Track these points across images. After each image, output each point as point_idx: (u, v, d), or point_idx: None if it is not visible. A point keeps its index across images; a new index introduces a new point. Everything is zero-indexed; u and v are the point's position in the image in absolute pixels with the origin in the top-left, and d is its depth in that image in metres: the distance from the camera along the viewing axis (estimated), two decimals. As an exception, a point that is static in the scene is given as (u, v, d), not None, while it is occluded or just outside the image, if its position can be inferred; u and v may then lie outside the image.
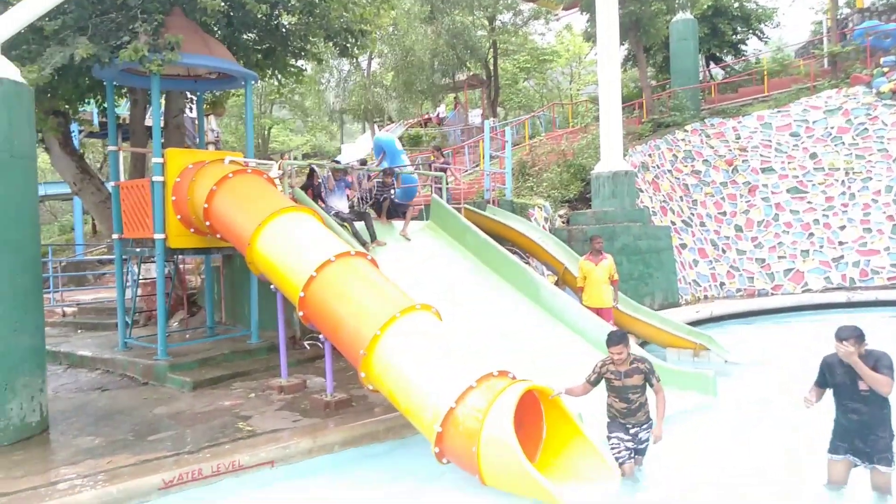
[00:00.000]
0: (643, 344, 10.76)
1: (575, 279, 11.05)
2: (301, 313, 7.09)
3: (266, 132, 32.30)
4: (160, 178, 8.67)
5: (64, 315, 13.94)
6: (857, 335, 4.81)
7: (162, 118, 10.61)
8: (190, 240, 8.99)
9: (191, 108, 13.24)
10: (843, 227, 18.57)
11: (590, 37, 23.91)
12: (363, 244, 9.88)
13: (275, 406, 7.58)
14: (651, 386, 5.66)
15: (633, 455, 5.66)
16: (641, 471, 5.77)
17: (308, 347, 9.82)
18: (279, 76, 12.08)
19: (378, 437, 6.83)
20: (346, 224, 10.15)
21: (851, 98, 20.26)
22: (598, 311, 9.96)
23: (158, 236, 8.74)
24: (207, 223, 8.25)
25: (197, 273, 12.80)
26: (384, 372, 6.28)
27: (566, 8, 26.83)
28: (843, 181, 19.11)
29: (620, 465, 5.59)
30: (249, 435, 6.59)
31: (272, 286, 7.80)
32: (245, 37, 11.04)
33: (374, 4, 11.19)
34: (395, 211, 11.62)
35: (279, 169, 9.64)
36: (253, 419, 7.09)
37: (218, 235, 8.40)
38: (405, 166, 13.02)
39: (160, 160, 8.71)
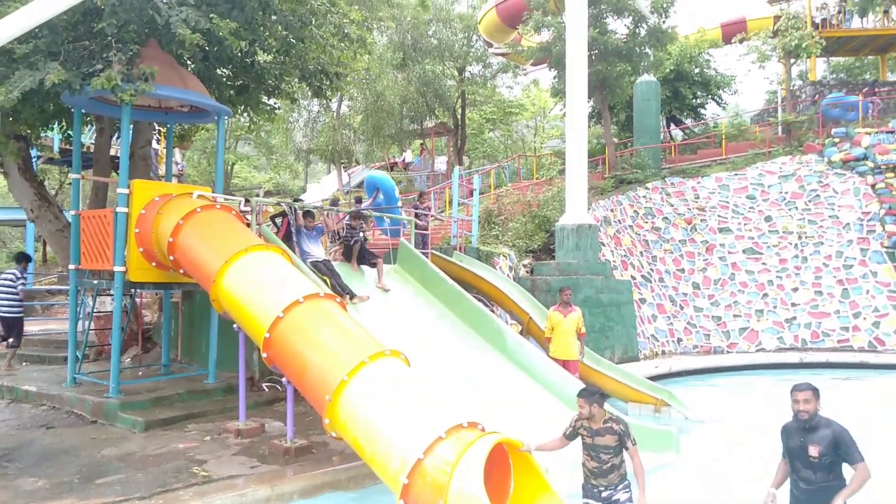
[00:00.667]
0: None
1: (540, 329, 11.04)
2: (265, 355, 6.89)
3: (229, 168, 32.01)
4: (124, 209, 8.45)
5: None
6: (813, 389, 4.93)
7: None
8: (151, 274, 8.74)
9: (157, 140, 13.03)
10: (795, 289, 19.08)
11: (557, 92, 24.51)
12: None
13: (231, 450, 7.30)
14: (626, 449, 5.41)
15: None
16: None
17: (266, 389, 9.56)
18: (251, 113, 12.01)
19: (339, 487, 6.63)
20: (324, 276, 9.85)
21: (804, 165, 21.06)
22: (565, 363, 9.95)
23: (118, 269, 8.47)
24: (171, 257, 8.04)
25: (153, 308, 12.42)
26: (350, 419, 6.10)
27: (534, 63, 27.49)
28: (796, 244, 19.72)
29: None
30: (204, 481, 6.31)
31: (235, 325, 7.59)
32: (219, 72, 10.98)
33: (351, 48, 11.26)
34: (363, 257, 11.36)
35: (247, 206, 9.48)
36: (208, 464, 6.81)
37: (181, 271, 8.18)
38: (398, 207, 13.00)
39: (126, 191, 8.50)
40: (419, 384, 6.34)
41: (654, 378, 12.95)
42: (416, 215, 12.92)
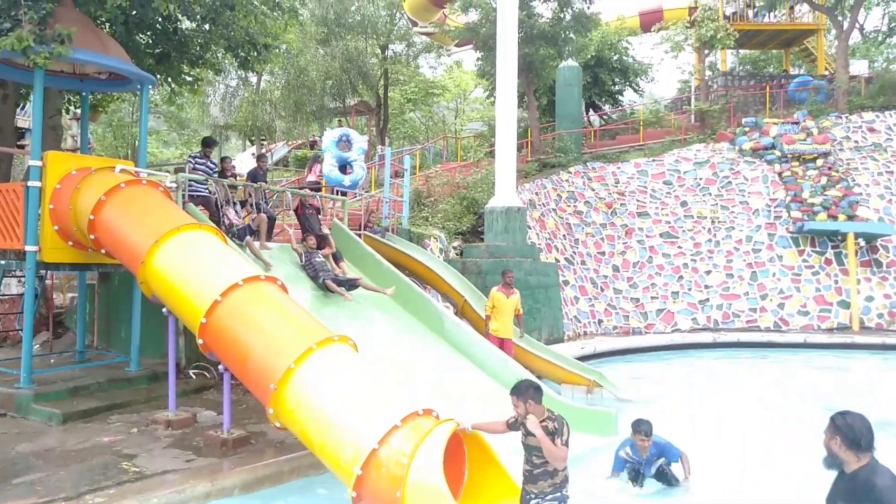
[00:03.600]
0: (539, 378, 10.82)
1: (474, 312, 11.02)
2: (201, 341, 6.47)
3: (135, 143, 30.33)
4: (37, 184, 7.74)
5: None
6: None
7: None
8: (67, 254, 8.07)
9: (68, 110, 12.08)
10: (708, 272, 19.88)
11: (483, 74, 24.45)
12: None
13: (162, 443, 6.85)
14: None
15: None
16: None
17: (194, 377, 9.06)
18: (172, 84, 11.30)
19: (282, 479, 6.34)
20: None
21: (717, 153, 21.93)
22: (502, 342, 10.01)
23: (30, 248, 7.77)
24: (92, 236, 7.43)
25: (63, 290, 11.58)
26: (297, 408, 5.81)
27: (459, 44, 27.35)
28: (709, 229, 20.52)
29: None
30: (137, 477, 5.88)
31: (165, 309, 7.12)
32: (139, 38, 10.24)
33: (282, 19, 10.75)
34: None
35: (173, 182, 8.91)
36: (139, 458, 6.36)
37: (103, 251, 7.59)
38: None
39: (39, 163, 7.78)
40: (370, 370, 6.11)
41: (581, 359, 13.18)
42: (255, 179, 11.30)
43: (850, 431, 3.31)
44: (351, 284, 9.84)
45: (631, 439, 6.58)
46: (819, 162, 20.83)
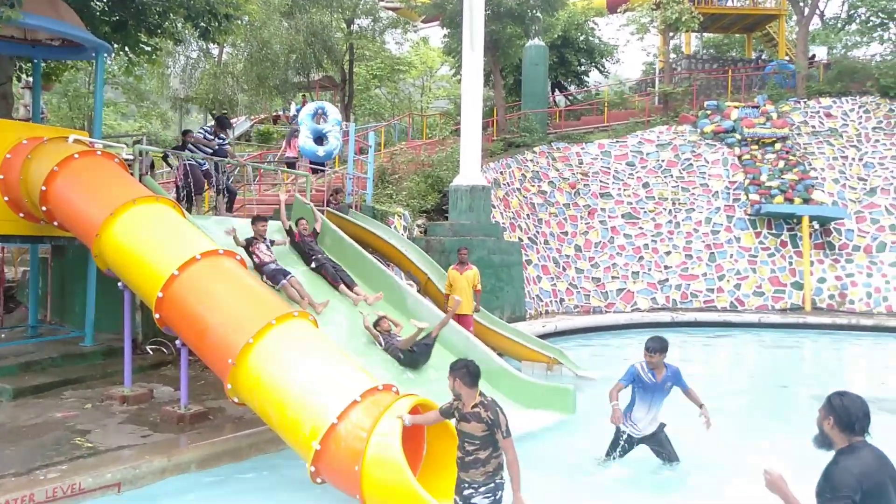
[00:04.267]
0: (500, 356, 10.92)
1: (437, 290, 11.06)
2: (157, 316, 6.38)
3: (92, 114, 29.50)
4: (-14, 153, 7.50)
5: None
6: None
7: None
8: (17, 226, 7.86)
9: (20, 78, 11.68)
10: (668, 253, 20.20)
11: (450, 51, 24.29)
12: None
13: (117, 419, 6.76)
14: (497, 441, 4.58)
15: None
16: None
17: (151, 352, 8.93)
18: (129, 53, 10.98)
19: (241, 454, 6.32)
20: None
21: (679, 135, 22.20)
22: (460, 318, 10.08)
23: (-21, 220, 7.55)
24: (44, 208, 7.25)
25: (15, 264, 11.27)
26: (255, 384, 5.77)
27: (426, 21, 27.10)
28: (670, 210, 20.82)
29: None
30: (90, 452, 5.80)
31: (121, 283, 6.98)
32: (94, 4, 9.92)
33: (244, -12, 10.51)
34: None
35: (131, 154, 8.70)
36: (93, 434, 6.26)
37: (56, 223, 7.40)
38: None
39: (-13, 132, 7.53)
40: (330, 346, 6.10)
41: (542, 337, 13.33)
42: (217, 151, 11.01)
43: (846, 414, 3.25)
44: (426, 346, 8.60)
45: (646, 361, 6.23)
46: (777, 146, 21.23)
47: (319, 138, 15.13)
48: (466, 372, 4.64)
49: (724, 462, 6.69)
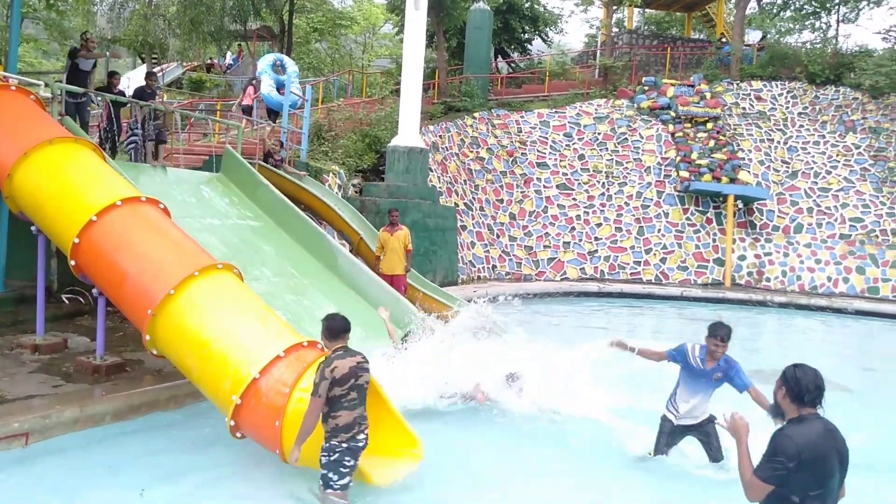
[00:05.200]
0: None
1: (369, 250, 11.00)
2: (73, 262, 6.12)
3: (8, 48, 27.69)
4: None
5: None
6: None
7: None
8: (-79, 163, 7.33)
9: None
10: (599, 225, 20.62)
11: (393, 8, 23.82)
12: None
13: (28, 368, 6.50)
14: (330, 401, 4.60)
15: None
16: None
17: (67, 302, 8.57)
18: (50, -16, 10.31)
19: (158, 407, 6.19)
20: None
21: (617, 109, 22.52)
22: (392, 278, 10.11)
23: None
24: (-50, 145, 6.78)
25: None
26: (175, 336, 5.63)
27: (370, -25, 26.39)
28: (603, 183, 21.18)
29: None
30: (-4, 401, 5.56)
31: (34, 227, 6.65)
32: (11, -72, 9.23)
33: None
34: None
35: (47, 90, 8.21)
36: (0, 383, 6.00)
37: (-37, 161, 6.94)
38: None
39: None
40: (254, 301, 5.98)
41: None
42: (143, 98, 10.69)
43: (797, 385, 3.31)
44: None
45: (704, 345, 5.57)
46: (709, 125, 21.80)
47: (279, 88, 17.13)
48: (325, 326, 4.76)
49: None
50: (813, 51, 25.10)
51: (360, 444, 4.73)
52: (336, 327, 4.75)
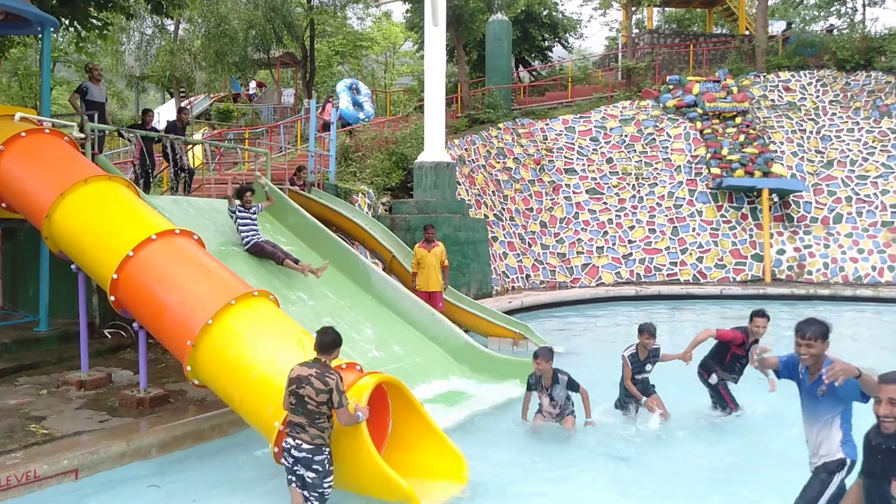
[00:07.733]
0: (467, 332, 10.93)
1: (402, 267, 11.01)
2: (112, 298, 6.21)
3: (45, 92, 28.50)
4: (-73, 133, 7.17)
5: None
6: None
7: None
8: (-36, 208, 7.55)
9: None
10: (632, 227, 20.38)
11: (412, 26, 23.99)
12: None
13: (74, 404, 6.59)
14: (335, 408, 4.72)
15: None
16: None
17: (110, 336, 8.72)
18: (78, 28, 10.60)
19: (203, 437, 6.21)
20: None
21: (642, 110, 22.31)
22: (429, 295, 10.07)
23: (-78, 202, 7.24)
24: (-9, 190, 6.97)
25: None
26: (215, 365, 5.67)
27: (387, -5, 26.67)
28: (633, 185, 20.97)
29: None
30: (45, 439, 5.64)
31: (74, 266, 6.78)
32: (39, -24, 9.51)
33: (196, -40, 10.17)
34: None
35: (80, 132, 8.40)
36: (48, 420, 6.10)
37: (4, 205, 7.13)
38: None
39: (-73, 110, 7.21)
40: (291, 325, 6.00)
41: (509, 313, 13.37)
42: (173, 132, 10.78)
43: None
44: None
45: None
46: (738, 120, 21.46)
47: (357, 104, 21.44)
48: (316, 341, 4.86)
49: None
50: (840, 37, 24.60)
51: (287, 447, 4.78)
52: (325, 342, 4.86)
